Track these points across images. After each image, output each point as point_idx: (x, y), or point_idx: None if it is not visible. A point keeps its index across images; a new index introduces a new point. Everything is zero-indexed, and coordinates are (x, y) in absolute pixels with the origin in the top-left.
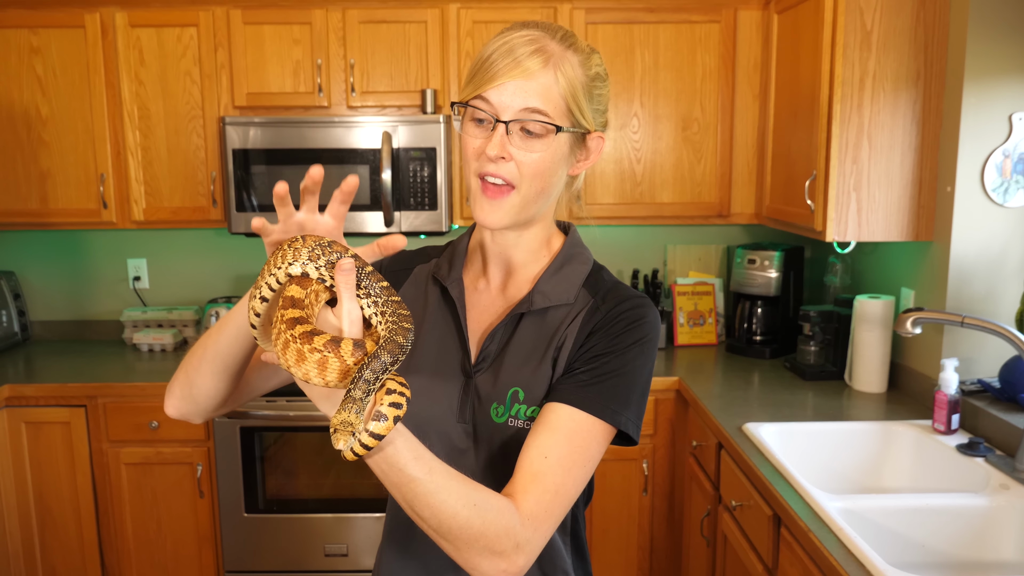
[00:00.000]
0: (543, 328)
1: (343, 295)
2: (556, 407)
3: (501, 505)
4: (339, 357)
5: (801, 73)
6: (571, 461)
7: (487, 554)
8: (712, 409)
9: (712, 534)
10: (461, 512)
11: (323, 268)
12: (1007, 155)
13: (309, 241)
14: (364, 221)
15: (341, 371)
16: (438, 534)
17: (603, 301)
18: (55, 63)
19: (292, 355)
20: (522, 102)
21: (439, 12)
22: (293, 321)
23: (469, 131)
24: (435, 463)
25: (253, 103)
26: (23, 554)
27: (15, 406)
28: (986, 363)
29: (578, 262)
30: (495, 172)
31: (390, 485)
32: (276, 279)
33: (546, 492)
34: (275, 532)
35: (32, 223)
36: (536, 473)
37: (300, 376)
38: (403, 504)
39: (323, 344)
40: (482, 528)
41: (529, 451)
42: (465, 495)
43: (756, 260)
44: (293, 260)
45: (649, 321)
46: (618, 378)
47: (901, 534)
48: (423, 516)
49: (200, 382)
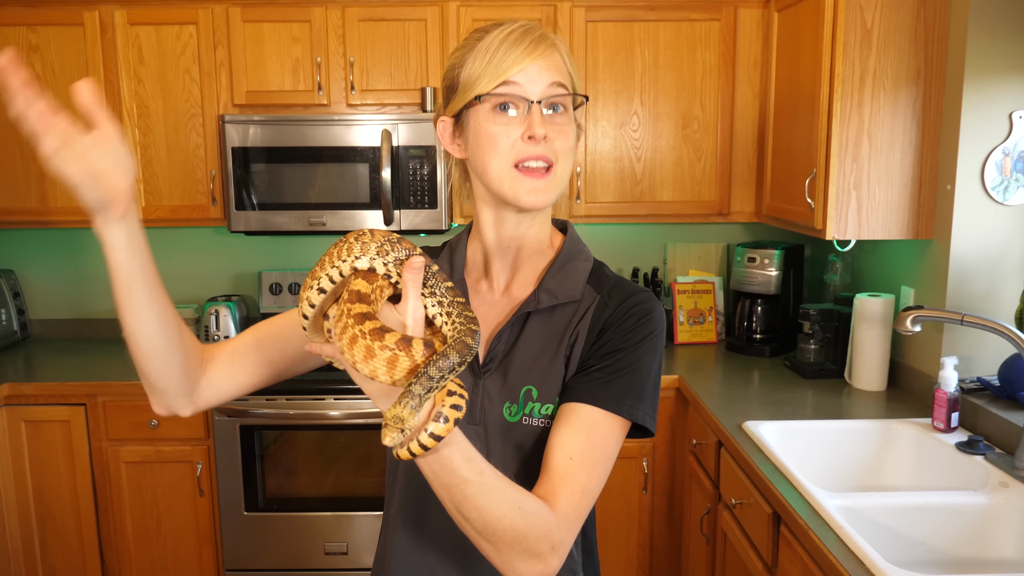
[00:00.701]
0: (552, 326)
1: (409, 293)
2: (575, 407)
3: (540, 508)
4: (410, 356)
5: (801, 71)
6: (594, 459)
7: (527, 556)
8: (712, 407)
9: (712, 532)
10: (507, 515)
11: (391, 264)
12: (1007, 153)
13: (378, 236)
14: (364, 219)
15: (410, 370)
16: (482, 536)
17: (610, 297)
18: (54, 61)
19: (360, 351)
20: (548, 78)
21: (439, 10)
22: (361, 316)
23: (496, 121)
24: (485, 465)
25: (252, 101)
26: (23, 553)
27: (15, 405)
28: (986, 361)
29: (580, 259)
30: (540, 155)
31: (439, 486)
32: (339, 271)
33: (575, 492)
34: (275, 530)
35: (31, 221)
36: (564, 474)
37: (366, 372)
38: (449, 505)
39: (395, 342)
40: (525, 531)
41: (554, 453)
42: (511, 498)
43: (756, 258)
44: (361, 254)
45: (657, 315)
46: (632, 373)
47: (901, 532)
48: (469, 518)
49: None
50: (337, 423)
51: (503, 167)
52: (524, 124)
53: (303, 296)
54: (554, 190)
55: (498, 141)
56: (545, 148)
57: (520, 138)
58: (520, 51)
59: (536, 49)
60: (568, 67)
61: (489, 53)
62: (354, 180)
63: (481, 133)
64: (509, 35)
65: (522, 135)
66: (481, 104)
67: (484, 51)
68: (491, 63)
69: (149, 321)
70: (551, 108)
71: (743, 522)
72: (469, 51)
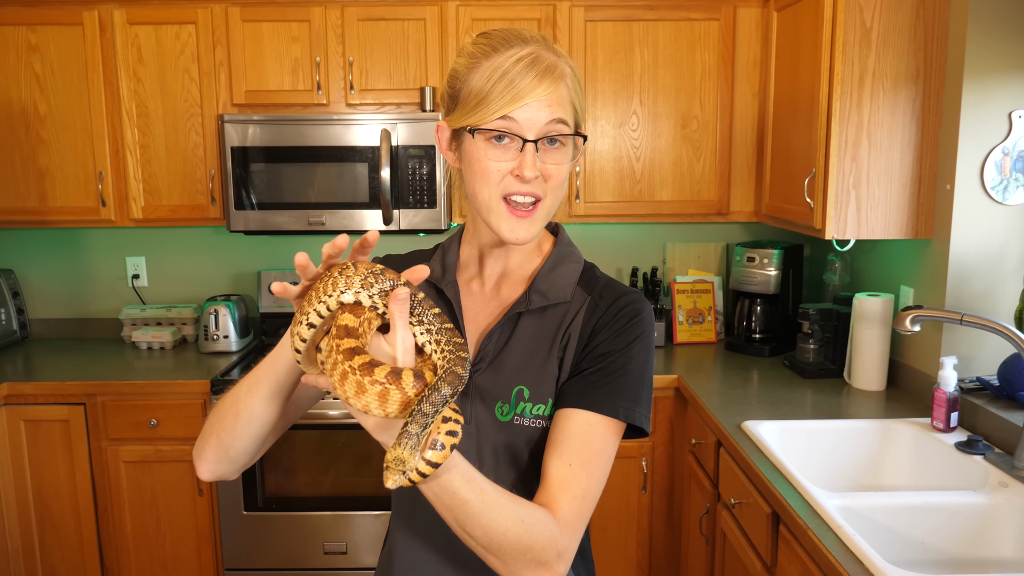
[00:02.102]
0: (543, 326)
1: (397, 323)
2: (571, 413)
3: (543, 517)
4: (400, 389)
5: (800, 71)
6: (593, 464)
7: (533, 566)
8: (711, 407)
9: (711, 532)
10: (511, 529)
11: (376, 296)
12: (1006, 153)
13: (361, 268)
14: (363, 219)
15: (402, 403)
16: (488, 551)
17: (601, 298)
18: (53, 61)
19: (351, 387)
20: (548, 115)
21: (438, 10)
22: (351, 352)
23: (488, 154)
24: (485, 483)
25: (252, 101)
26: (22, 552)
27: (14, 404)
28: (985, 361)
29: (571, 261)
30: (528, 192)
31: (442, 507)
32: (327, 306)
33: (576, 498)
34: (274, 530)
35: (31, 221)
36: (564, 481)
37: (359, 407)
38: (453, 524)
39: (384, 376)
40: (530, 542)
41: (552, 460)
42: (513, 512)
43: (755, 258)
44: (346, 288)
45: (646, 316)
46: (625, 375)
47: (900, 532)
48: (474, 536)
49: (238, 445)
50: (336, 423)
51: (491, 198)
52: (516, 160)
53: (293, 331)
54: (538, 224)
55: (489, 174)
56: (534, 186)
57: (511, 173)
58: (524, 84)
59: (541, 83)
60: (573, 98)
61: (492, 80)
62: (353, 180)
63: (474, 160)
64: (517, 62)
65: (513, 171)
66: (476, 135)
67: (488, 74)
68: (493, 91)
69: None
70: (548, 142)
71: (742, 522)
72: (474, 65)
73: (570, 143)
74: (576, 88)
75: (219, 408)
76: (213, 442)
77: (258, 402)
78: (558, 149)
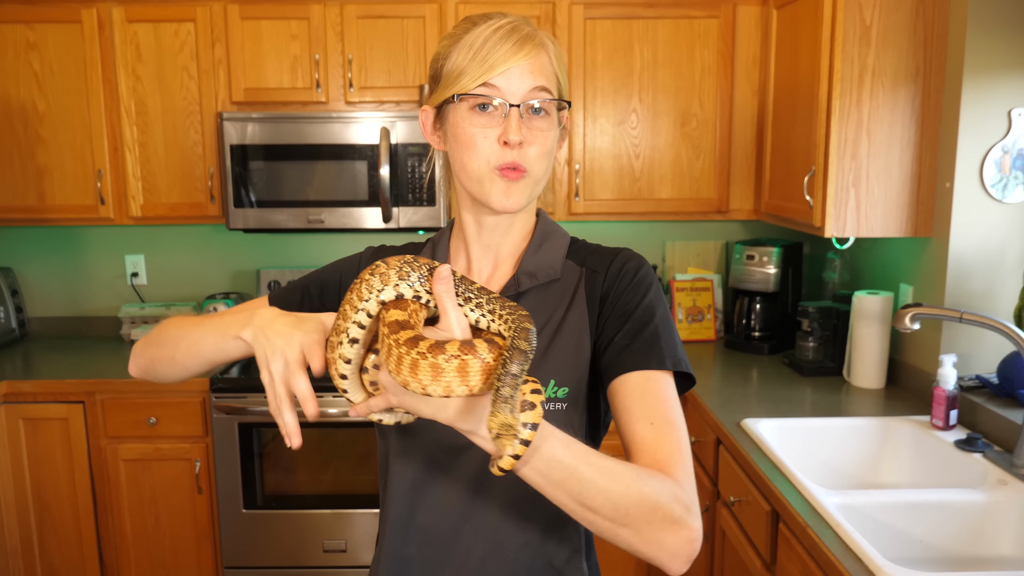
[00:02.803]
0: (543, 307)
1: (446, 304)
2: (623, 380)
3: (655, 472)
4: (478, 356)
5: (800, 68)
6: (671, 415)
7: (667, 524)
8: (711, 405)
9: (711, 530)
10: (632, 485)
11: (417, 285)
12: (1006, 151)
13: (393, 263)
14: (362, 217)
15: (484, 371)
16: (616, 522)
17: (597, 265)
18: (52, 58)
19: (427, 373)
20: (530, 82)
21: (437, 7)
22: (413, 340)
23: (473, 121)
24: (582, 446)
25: (251, 98)
26: (21, 550)
27: (13, 402)
28: (984, 359)
29: (556, 237)
30: (514, 163)
31: (553, 487)
32: (367, 312)
33: (673, 451)
34: (274, 528)
35: (29, 219)
36: (655, 440)
37: (440, 391)
38: (571, 504)
39: (457, 349)
40: (655, 498)
41: (632, 427)
42: (625, 470)
43: (755, 256)
44: (383, 285)
45: (647, 266)
46: (654, 327)
47: (899, 530)
48: (596, 506)
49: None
50: (335, 421)
51: (480, 167)
52: (501, 126)
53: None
54: (528, 192)
55: (476, 141)
56: (519, 155)
57: (497, 140)
58: (504, 50)
59: (521, 49)
60: (555, 69)
61: (473, 49)
62: (352, 177)
63: (459, 131)
64: (496, 31)
65: (499, 137)
66: (460, 102)
67: (469, 46)
68: (474, 60)
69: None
70: (532, 110)
71: (742, 520)
72: (455, 43)
73: (554, 112)
74: (558, 61)
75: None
76: (147, 359)
77: (193, 363)
78: (543, 117)
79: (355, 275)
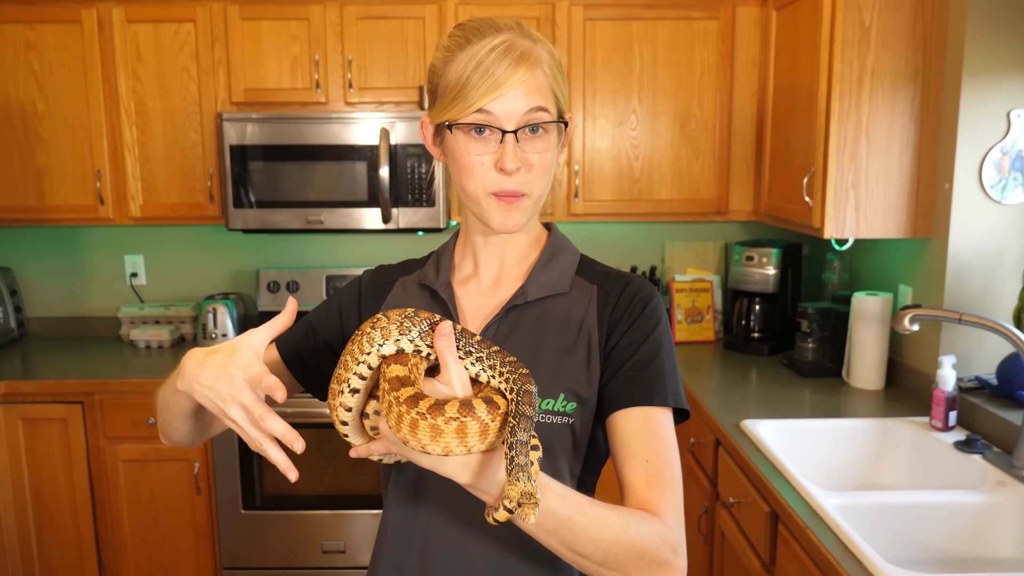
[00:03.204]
0: (547, 320)
1: (447, 360)
2: (625, 413)
3: (646, 516)
4: (476, 418)
5: (799, 70)
6: (668, 454)
7: (654, 567)
8: (710, 406)
9: (710, 531)
10: (621, 534)
11: (417, 339)
12: (1005, 152)
13: (394, 316)
14: (362, 217)
15: (481, 432)
16: (604, 566)
17: (609, 287)
18: (51, 59)
19: (426, 433)
20: (525, 104)
21: (436, 8)
22: (413, 399)
23: (470, 148)
24: (579, 496)
25: (250, 99)
26: (20, 551)
27: (12, 403)
28: (984, 360)
29: (567, 253)
30: (513, 189)
31: (546, 535)
32: (367, 365)
33: (666, 491)
34: (272, 529)
35: (29, 219)
36: (649, 478)
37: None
38: (561, 549)
39: (456, 411)
40: (643, 544)
41: (628, 464)
42: (617, 518)
43: (754, 257)
44: (383, 340)
45: (658, 298)
46: (660, 362)
47: (899, 531)
48: (586, 553)
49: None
50: None
51: (478, 192)
52: (498, 152)
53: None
54: (527, 213)
55: (473, 168)
56: (517, 181)
57: (494, 166)
58: (499, 74)
59: (516, 72)
60: (552, 84)
61: (467, 72)
62: (352, 178)
63: (456, 155)
64: (490, 52)
65: (495, 164)
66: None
67: (462, 67)
68: (467, 84)
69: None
70: (530, 130)
71: (741, 521)
72: (450, 59)
73: (553, 130)
74: (556, 73)
75: (157, 404)
76: (161, 426)
77: (183, 424)
78: (540, 137)
79: (354, 305)
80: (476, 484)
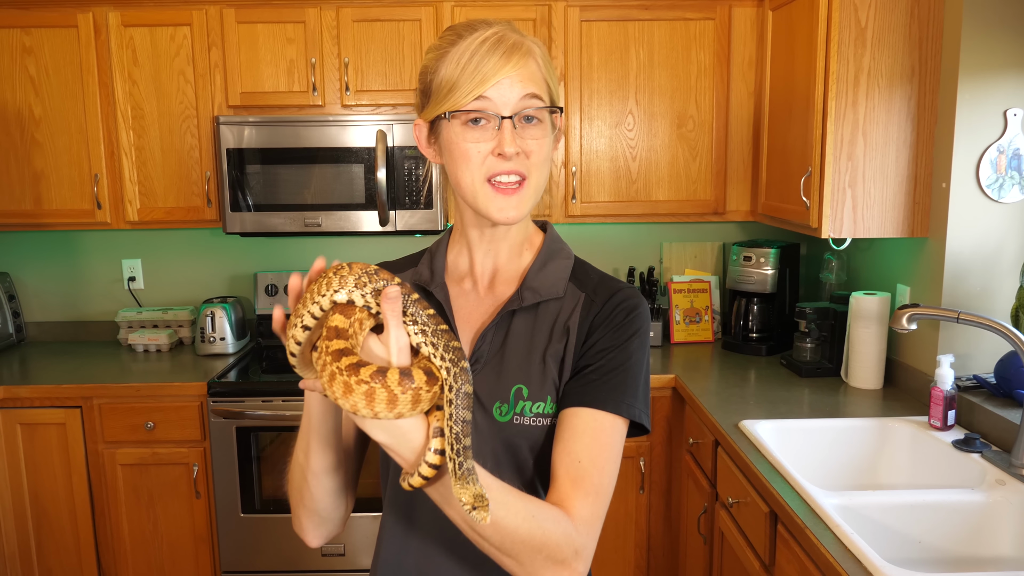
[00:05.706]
0: (538, 324)
1: (390, 323)
2: (575, 411)
3: (555, 514)
4: (386, 387)
5: (796, 70)
6: (603, 460)
7: (550, 564)
8: (708, 406)
9: (709, 531)
10: (522, 526)
11: (369, 296)
12: (1002, 151)
13: (356, 269)
14: (359, 220)
15: (388, 401)
16: (501, 551)
17: (596, 294)
18: (48, 63)
19: (339, 387)
20: (520, 91)
21: (433, 10)
22: (339, 353)
23: (467, 136)
24: (491, 480)
25: (247, 102)
26: (19, 556)
27: (10, 407)
28: (982, 359)
29: (561, 257)
30: (511, 170)
31: (450, 509)
32: (320, 307)
33: (588, 495)
34: (272, 532)
35: (26, 224)
36: (575, 479)
37: (348, 408)
38: (463, 526)
39: (369, 375)
40: (543, 539)
41: (561, 459)
42: (523, 508)
43: (752, 257)
44: (339, 287)
45: (642, 311)
46: (624, 372)
47: (898, 530)
48: (485, 535)
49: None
50: None
51: (475, 182)
52: (495, 139)
53: (289, 335)
54: (527, 203)
55: (470, 156)
56: (517, 163)
57: (491, 153)
58: (493, 63)
59: (509, 60)
60: (544, 74)
61: (461, 64)
62: (349, 181)
63: (453, 146)
64: (482, 44)
65: (493, 150)
66: (452, 119)
67: (456, 60)
68: (463, 75)
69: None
70: (525, 119)
71: (740, 521)
72: (442, 56)
73: (547, 119)
74: (547, 66)
75: (292, 481)
76: (303, 513)
77: (317, 459)
78: (536, 125)
79: None
80: (391, 446)
